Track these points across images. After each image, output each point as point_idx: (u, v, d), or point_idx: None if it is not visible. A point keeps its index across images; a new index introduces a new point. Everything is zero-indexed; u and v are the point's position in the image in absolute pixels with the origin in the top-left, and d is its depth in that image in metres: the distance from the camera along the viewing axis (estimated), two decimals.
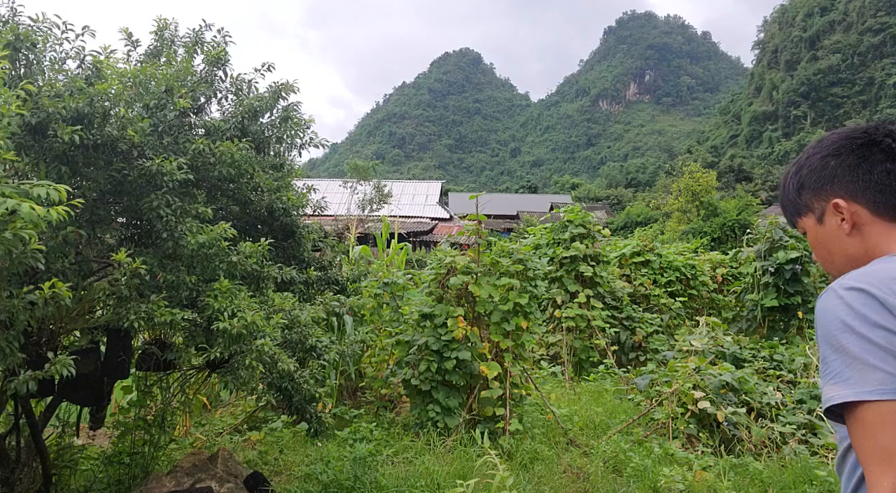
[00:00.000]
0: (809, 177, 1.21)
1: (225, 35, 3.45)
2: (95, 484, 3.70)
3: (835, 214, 1.17)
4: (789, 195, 1.26)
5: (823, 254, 1.22)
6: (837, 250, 1.19)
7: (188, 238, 2.72)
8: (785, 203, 1.28)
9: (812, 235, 1.23)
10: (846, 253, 1.17)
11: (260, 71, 3.57)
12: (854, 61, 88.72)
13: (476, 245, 5.44)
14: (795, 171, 1.24)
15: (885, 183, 1.13)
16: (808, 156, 1.23)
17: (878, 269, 1.05)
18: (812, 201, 1.21)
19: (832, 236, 1.18)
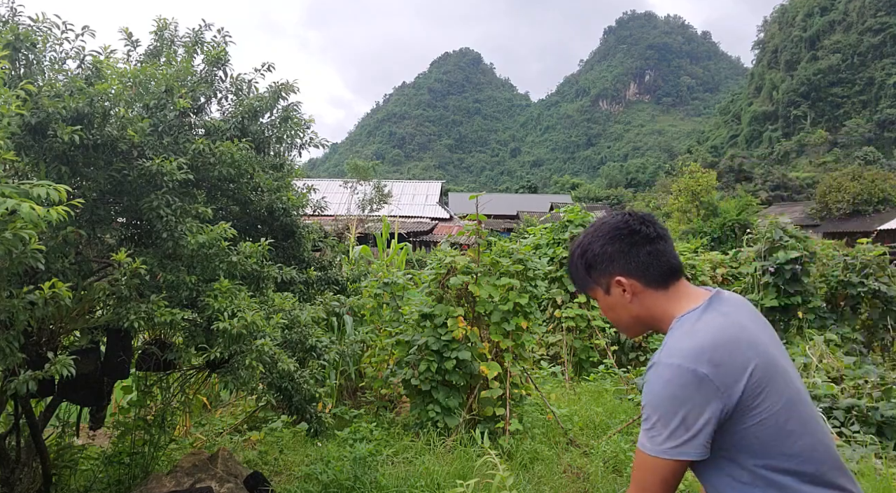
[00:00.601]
0: (594, 260, 1.51)
1: (225, 35, 3.45)
2: (95, 484, 3.70)
3: (617, 287, 1.48)
4: (579, 273, 1.56)
5: (613, 316, 1.55)
6: (624, 314, 1.51)
7: (188, 238, 2.72)
8: (574, 278, 1.59)
9: (602, 302, 1.54)
10: (631, 315, 1.51)
11: (260, 71, 3.57)
12: (854, 61, 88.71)
13: (476, 245, 5.44)
14: (581, 253, 1.54)
15: (648, 262, 1.45)
16: (590, 242, 1.52)
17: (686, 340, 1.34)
18: (599, 278, 1.51)
19: (618, 303, 1.50)
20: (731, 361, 1.28)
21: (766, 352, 1.33)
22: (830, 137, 73.31)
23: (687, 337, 1.33)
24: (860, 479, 4.01)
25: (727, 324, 1.34)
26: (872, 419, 4.87)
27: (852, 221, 34.51)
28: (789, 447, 1.29)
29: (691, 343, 1.30)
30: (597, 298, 1.55)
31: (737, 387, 1.26)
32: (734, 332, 1.32)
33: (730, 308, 1.39)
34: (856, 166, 42.66)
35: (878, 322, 7.54)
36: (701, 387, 1.25)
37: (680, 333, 1.36)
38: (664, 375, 1.29)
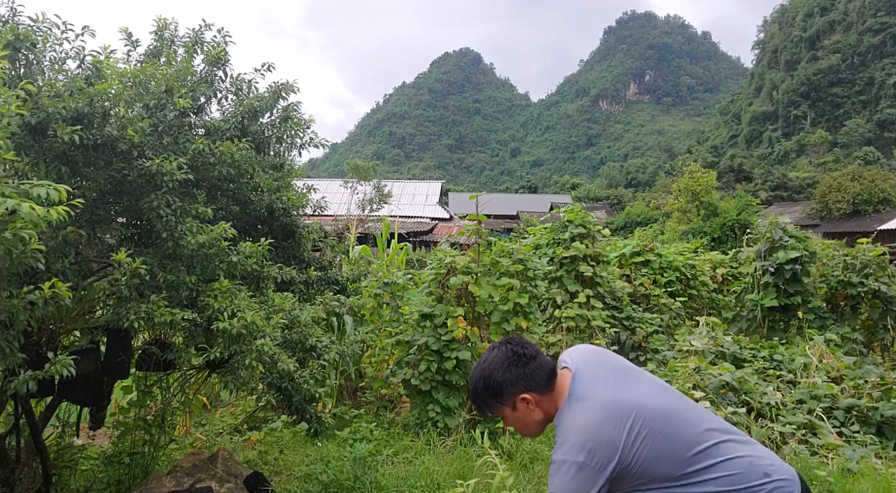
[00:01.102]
0: (500, 387, 1.79)
1: (225, 35, 3.45)
2: (95, 484, 3.70)
3: (523, 403, 1.80)
4: (487, 401, 1.83)
5: (521, 426, 1.86)
6: (531, 422, 1.83)
7: (188, 238, 2.72)
8: (482, 406, 1.85)
9: (511, 418, 1.85)
10: (535, 421, 1.83)
11: (260, 71, 3.57)
12: (854, 61, 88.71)
13: (476, 245, 5.44)
14: (484, 386, 1.81)
15: (537, 374, 1.79)
16: (490, 373, 1.80)
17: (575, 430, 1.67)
18: (506, 400, 1.81)
19: (524, 416, 1.82)
20: (603, 442, 1.60)
21: (630, 403, 1.65)
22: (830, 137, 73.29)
23: (566, 433, 1.66)
24: (860, 479, 4.01)
25: (588, 409, 1.66)
26: (872, 419, 4.86)
27: (852, 221, 34.50)
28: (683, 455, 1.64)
29: (572, 436, 1.64)
30: (504, 416, 1.84)
31: (612, 462, 1.59)
32: (595, 416, 1.64)
33: (584, 386, 1.71)
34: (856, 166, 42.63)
35: (878, 322, 7.54)
36: (582, 472, 1.59)
37: (561, 427, 1.69)
38: (558, 473, 1.62)
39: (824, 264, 8.09)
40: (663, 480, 1.63)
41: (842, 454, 4.38)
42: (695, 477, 1.63)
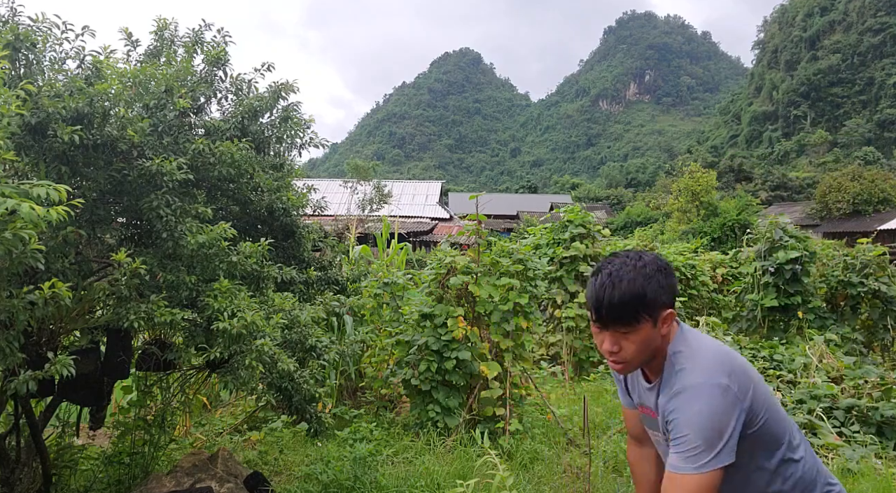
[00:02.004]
0: (656, 293, 1.49)
1: (225, 35, 3.45)
2: (95, 484, 3.70)
3: (667, 319, 1.52)
4: (629, 309, 1.49)
5: (643, 350, 1.53)
6: (651, 347, 1.54)
7: (188, 238, 2.72)
8: (622, 313, 1.49)
9: (642, 336, 1.51)
10: (653, 348, 1.55)
11: (260, 71, 3.57)
12: (854, 61, 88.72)
13: (476, 245, 5.44)
14: (659, 281, 1.50)
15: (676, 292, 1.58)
16: (650, 274, 1.50)
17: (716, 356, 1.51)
18: (656, 311, 1.50)
19: (654, 336, 1.52)
20: (740, 370, 1.46)
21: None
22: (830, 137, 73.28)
23: (699, 358, 1.48)
24: (860, 479, 4.01)
25: (714, 339, 1.56)
26: (872, 419, 4.86)
27: (852, 221, 34.50)
28: (784, 431, 1.55)
29: (705, 363, 1.47)
30: (637, 332, 1.51)
31: (749, 392, 1.45)
32: (725, 347, 1.54)
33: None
34: (856, 166, 42.62)
35: (878, 322, 7.54)
36: (727, 397, 1.41)
37: (687, 355, 1.51)
38: (699, 399, 1.42)
39: (824, 264, 8.10)
40: (764, 457, 1.52)
41: (842, 454, 4.38)
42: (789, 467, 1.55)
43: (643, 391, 1.70)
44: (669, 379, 1.52)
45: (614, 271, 1.50)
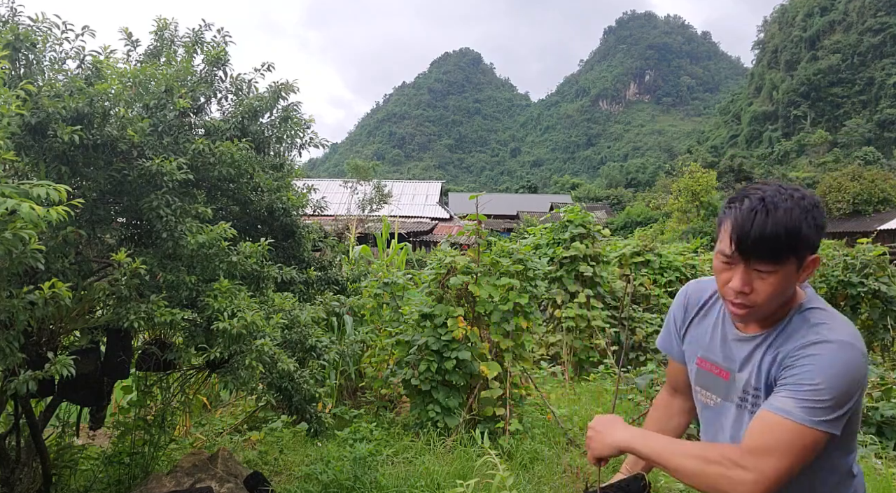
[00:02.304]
0: (811, 231, 1.28)
1: (225, 35, 3.45)
2: (95, 484, 3.70)
3: (810, 267, 1.33)
4: (795, 234, 1.26)
5: (777, 296, 1.33)
6: (787, 290, 1.34)
7: (188, 238, 2.72)
8: (778, 240, 1.27)
9: (781, 278, 1.30)
10: (787, 295, 1.36)
11: (260, 71, 3.57)
12: (854, 61, 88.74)
13: (476, 245, 5.44)
14: (809, 220, 1.28)
15: None
16: (807, 208, 1.29)
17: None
18: (804, 253, 1.30)
19: (793, 284, 1.34)
20: (862, 343, 1.33)
21: None
22: (830, 137, 73.29)
23: (841, 321, 1.35)
24: None
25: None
26: (872, 419, 4.86)
27: (852, 221, 34.51)
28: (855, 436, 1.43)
29: (850, 328, 1.33)
30: (776, 272, 1.30)
31: (867, 365, 1.34)
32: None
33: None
34: (856, 166, 42.63)
35: (878, 322, 7.54)
36: (863, 368, 1.29)
37: (829, 315, 1.36)
38: (844, 355, 1.27)
39: (824, 263, 8.09)
40: (839, 456, 1.41)
41: None
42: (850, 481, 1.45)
43: (726, 342, 1.49)
44: (799, 331, 1.35)
45: (768, 198, 1.28)
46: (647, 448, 1.37)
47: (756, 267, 1.30)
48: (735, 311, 1.37)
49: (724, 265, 1.36)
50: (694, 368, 1.58)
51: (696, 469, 1.28)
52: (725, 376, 1.48)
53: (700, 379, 1.56)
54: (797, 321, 1.37)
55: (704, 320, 1.57)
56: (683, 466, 1.30)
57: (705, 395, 1.55)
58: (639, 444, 1.38)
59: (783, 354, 1.35)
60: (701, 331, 1.57)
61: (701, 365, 1.55)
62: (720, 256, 1.37)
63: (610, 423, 1.47)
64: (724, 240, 1.34)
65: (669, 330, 1.70)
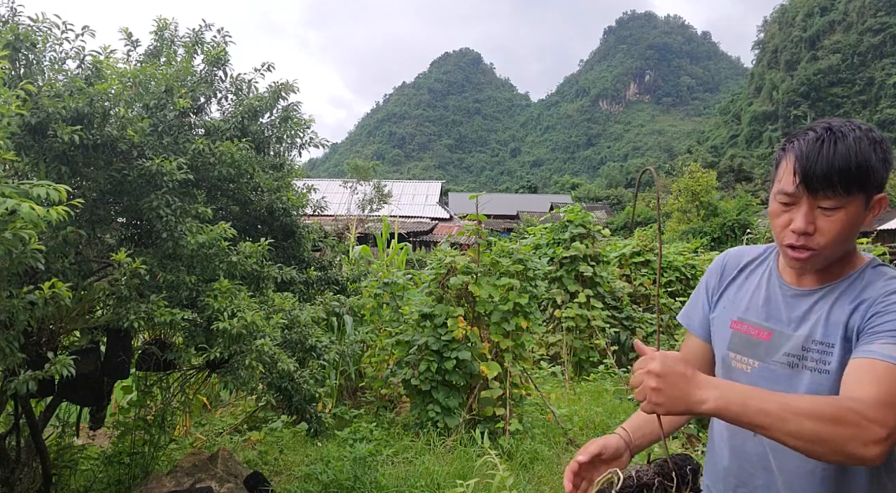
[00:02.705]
0: (880, 165, 1.19)
1: (225, 35, 3.45)
2: (95, 484, 3.70)
3: (877, 207, 1.24)
4: (865, 165, 1.16)
5: (843, 237, 1.22)
6: (853, 234, 1.23)
7: (188, 238, 2.72)
8: (848, 171, 1.16)
9: (848, 216, 1.20)
10: (853, 237, 1.24)
11: (260, 71, 3.57)
12: (854, 61, 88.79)
13: (476, 245, 5.44)
14: (878, 152, 1.18)
15: None
16: (877, 140, 1.19)
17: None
18: (873, 189, 1.20)
19: (859, 225, 1.22)
20: None
21: None
22: None
23: None
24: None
25: None
26: None
27: None
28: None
29: None
30: (842, 209, 1.19)
31: None
32: None
33: None
34: None
35: None
36: None
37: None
38: None
39: None
40: None
41: None
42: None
43: (771, 302, 1.37)
44: (876, 282, 1.25)
45: (835, 127, 1.19)
46: (749, 410, 1.05)
47: (821, 204, 1.20)
48: (796, 256, 1.25)
49: (783, 207, 1.25)
50: (728, 333, 1.43)
51: (821, 432, 1.03)
52: (766, 337, 1.35)
53: (735, 344, 1.41)
54: (871, 274, 1.28)
55: (746, 283, 1.46)
56: (801, 431, 1.04)
57: (740, 360, 1.39)
58: (736, 405, 1.06)
59: (868, 302, 1.23)
60: (739, 294, 1.45)
61: (738, 328, 1.42)
62: (780, 196, 1.25)
63: (685, 371, 1.10)
64: (786, 176, 1.23)
65: (697, 300, 1.56)
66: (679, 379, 1.09)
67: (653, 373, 1.10)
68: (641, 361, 1.14)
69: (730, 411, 1.06)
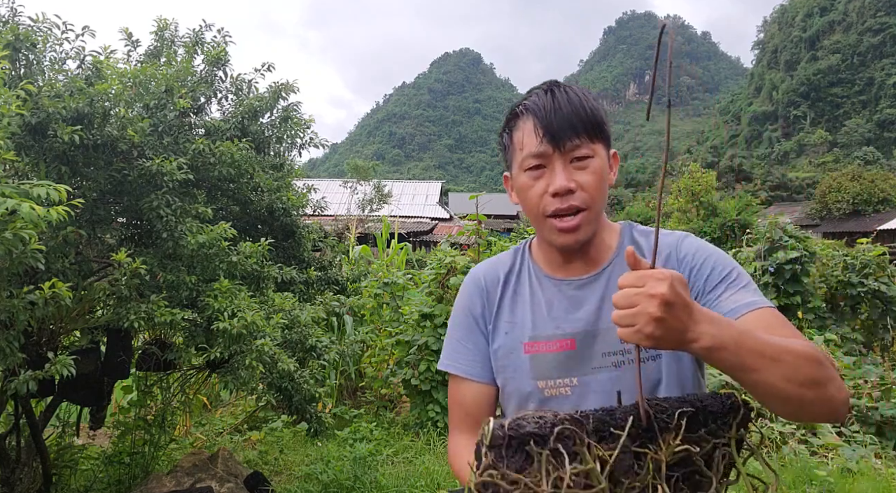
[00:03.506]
0: (607, 120, 1.19)
1: (225, 35, 3.45)
2: (95, 484, 3.70)
3: (615, 164, 1.22)
4: (597, 116, 1.14)
5: (602, 190, 1.16)
6: (605, 198, 1.19)
7: (188, 238, 2.72)
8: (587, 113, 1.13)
9: (600, 166, 1.15)
10: (606, 194, 1.19)
11: (260, 71, 3.57)
12: (854, 61, 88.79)
13: (476, 245, 5.44)
14: (598, 103, 1.17)
15: None
16: (595, 96, 1.19)
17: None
18: (608, 141, 1.19)
19: (607, 181, 1.19)
20: None
21: None
22: (830, 137, 73.34)
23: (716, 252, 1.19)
24: (860, 479, 4.01)
25: None
26: (872, 419, 4.86)
27: (852, 221, 34.50)
28: None
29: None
30: (593, 157, 1.14)
31: None
32: None
33: None
34: (856, 166, 42.67)
35: (878, 322, 7.54)
36: None
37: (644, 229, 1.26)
38: (704, 242, 1.18)
39: (824, 263, 8.10)
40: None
41: (841, 454, 4.38)
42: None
43: (554, 307, 1.21)
44: (640, 250, 1.19)
45: (553, 83, 1.17)
46: (743, 349, 0.86)
47: (574, 154, 1.12)
48: (565, 225, 1.13)
49: (533, 174, 1.14)
50: (523, 361, 1.20)
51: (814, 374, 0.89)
52: (571, 346, 1.16)
53: (539, 370, 1.18)
54: (637, 236, 1.24)
55: (517, 298, 1.27)
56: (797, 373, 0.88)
57: (554, 386, 1.17)
58: (731, 344, 0.86)
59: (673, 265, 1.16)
60: (517, 312, 1.25)
61: (533, 350, 1.19)
62: (527, 161, 1.14)
63: (689, 301, 0.85)
64: (528, 139, 1.14)
65: (465, 337, 1.30)
66: (683, 310, 0.84)
67: (658, 298, 0.81)
68: (637, 277, 0.84)
69: (724, 351, 0.87)
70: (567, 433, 0.69)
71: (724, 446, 0.79)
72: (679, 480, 0.75)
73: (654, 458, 0.73)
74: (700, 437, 0.78)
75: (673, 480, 0.74)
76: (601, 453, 0.71)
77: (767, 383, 0.88)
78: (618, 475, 0.72)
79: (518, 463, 0.69)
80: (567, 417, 0.72)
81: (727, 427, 0.81)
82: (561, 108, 1.12)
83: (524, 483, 0.67)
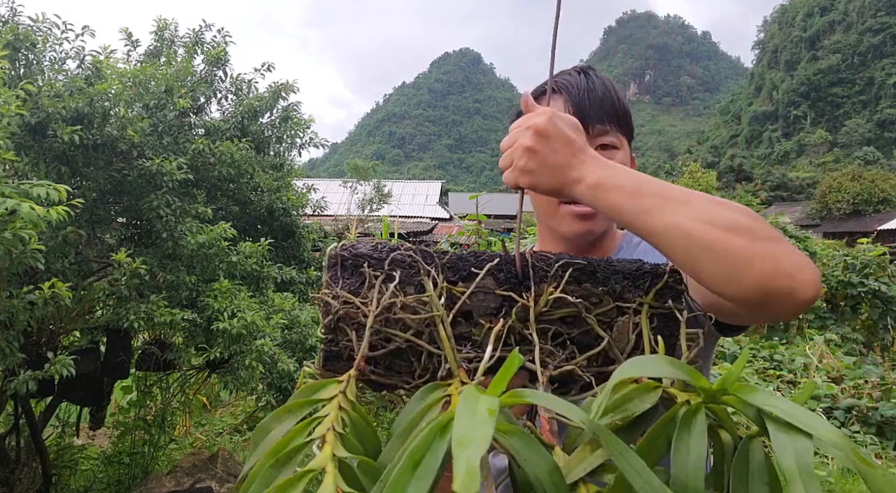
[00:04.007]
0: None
1: (225, 35, 3.45)
2: (95, 484, 3.70)
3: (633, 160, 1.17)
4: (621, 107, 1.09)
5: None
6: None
7: (188, 238, 2.72)
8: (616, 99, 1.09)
9: (626, 156, 1.10)
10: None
11: (260, 71, 3.57)
12: (854, 61, 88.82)
13: (476, 245, 5.44)
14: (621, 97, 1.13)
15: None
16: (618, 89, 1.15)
17: None
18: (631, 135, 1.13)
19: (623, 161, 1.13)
20: None
21: None
22: (830, 137, 73.39)
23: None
24: (860, 479, 4.00)
25: None
26: (872, 419, 4.87)
27: (852, 221, 34.50)
28: None
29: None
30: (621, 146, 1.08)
31: None
32: None
33: None
34: (856, 166, 42.69)
35: (878, 322, 7.54)
36: None
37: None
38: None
39: (825, 264, 8.10)
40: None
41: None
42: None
43: None
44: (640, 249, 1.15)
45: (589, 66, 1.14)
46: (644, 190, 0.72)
47: (601, 140, 1.06)
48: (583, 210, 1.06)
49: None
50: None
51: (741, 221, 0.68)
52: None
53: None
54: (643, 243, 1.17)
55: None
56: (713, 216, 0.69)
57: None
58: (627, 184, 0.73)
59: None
60: None
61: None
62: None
63: (577, 138, 0.76)
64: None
65: None
66: (564, 145, 0.75)
67: (533, 129, 0.75)
68: (523, 119, 0.78)
69: (617, 191, 0.72)
70: (407, 260, 0.69)
71: (636, 313, 0.68)
72: (571, 341, 0.68)
73: (525, 305, 0.68)
74: (591, 292, 0.68)
75: (561, 339, 0.68)
76: (454, 289, 0.69)
77: (678, 225, 0.69)
78: (476, 316, 0.69)
79: (354, 285, 0.72)
80: (415, 248, 0.71)
81: (640, 292, 0.69)
82: (595, 89, 1.07)
83: (354, 304, 0.70)
